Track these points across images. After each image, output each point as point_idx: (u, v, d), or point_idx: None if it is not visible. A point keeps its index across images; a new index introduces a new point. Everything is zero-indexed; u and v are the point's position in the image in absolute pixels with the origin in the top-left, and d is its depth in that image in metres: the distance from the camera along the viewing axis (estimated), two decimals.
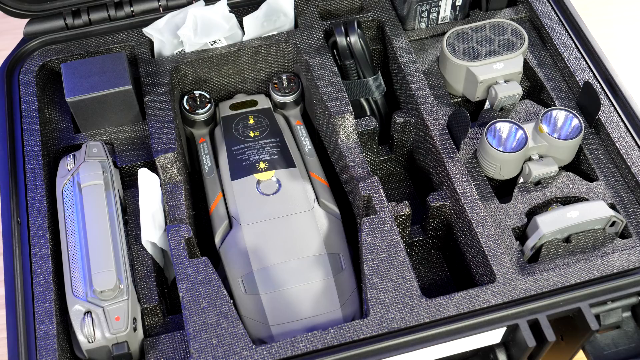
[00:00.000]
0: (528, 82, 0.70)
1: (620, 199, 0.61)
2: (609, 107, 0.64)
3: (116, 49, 0.71)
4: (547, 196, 0.61)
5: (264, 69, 0.73)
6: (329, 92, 0.66)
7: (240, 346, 0.52)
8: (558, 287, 0.55)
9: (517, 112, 0.66)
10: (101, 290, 0.54)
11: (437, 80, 0.69)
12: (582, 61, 0.68)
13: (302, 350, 0.52)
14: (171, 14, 0.72)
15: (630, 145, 0.62)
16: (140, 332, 0.56)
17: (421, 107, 0.66)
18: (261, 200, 0.63)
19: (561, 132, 0.62)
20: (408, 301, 0.54)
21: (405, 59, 0.69)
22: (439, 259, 0.70)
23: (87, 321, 0.53)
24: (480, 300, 0.54)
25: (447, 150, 0.63)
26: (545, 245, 0.57)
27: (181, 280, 0.55)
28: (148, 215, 0.59)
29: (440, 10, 0.72)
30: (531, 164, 0.61)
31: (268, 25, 0.72)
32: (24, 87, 0.68)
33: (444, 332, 0.53)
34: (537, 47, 0.71)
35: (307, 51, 0.69)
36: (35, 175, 0.62)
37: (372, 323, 0.53)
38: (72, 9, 0.71)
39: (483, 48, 0.67)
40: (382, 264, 0.56)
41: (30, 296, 0.56)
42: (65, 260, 0.57)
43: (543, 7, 0.72)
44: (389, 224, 0.58)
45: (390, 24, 0.72)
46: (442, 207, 0.63)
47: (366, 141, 0.68)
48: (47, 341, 0.54)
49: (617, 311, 0.56)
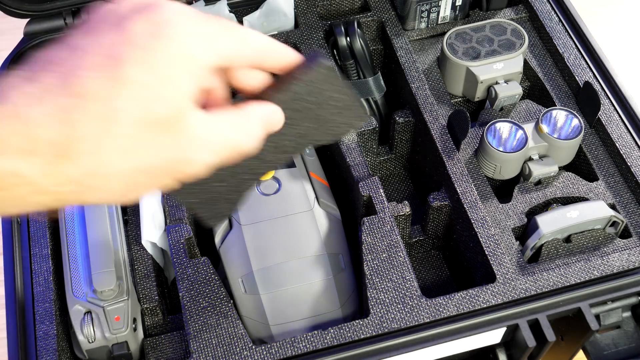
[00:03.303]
0: (528, 82, 0.70)
1: (620, 199, 0.61)
2: (609, 107, 0.64)
3: None
4: (547, 196, 0.61)
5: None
6: None
7: (240, 346, 0.52)
8: (558, 287, 0.55)
9: (517, 112, 0.66)
10: (101, 290, 0.54)
11: (437, 80, 0.69)
12: (582, 61, 0.68)
13: (302, 350, 0.52)
14: None
15: (630, 145, 0.62)
16: (140, 332, 0.56)
17: (421, 107, 0.66)
18: (261, 200, 0.63)
19: (561, 132, 0.62)
20: (408, 301, 0.54)
21: (405, 59, 0.69)
22: (439, 259, 0.70)
23: (87, 321, 0.53)
24: (480, 300, 0.54)
25: (447, 150, 0.63)
26: (545, 245, 0.57)
27: (181, 280, 0.55)
28: (148, 215, 0.59)
29: (440, 10, 0.72)
30: (531, 164, 0.61)
31: (268, 25, 0.72)
32: None
33: (444, 332, 0.53)
34: (537, 47, 0.71)
35: (307, 51, 0.69)
36: None
37: (372, 323, 0.53)
38: (72, 9, 0.71)
39: (483, 48, 0.67)
40: (382, 264, 0.56)
41: (30, 296, 0.56)
42: (65, 260, 0.57)
43: (543, 7, 0.72)
44: (389, 224, 0.58)
45: (390, 24, 0.72)
46: (442, 207, 0.63)
47: (366, 141, 0.68)
48: (47, 341, 0.54)
49: (617, 311, 0.56)
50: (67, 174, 0.34)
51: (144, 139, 0.36)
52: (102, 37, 0.36)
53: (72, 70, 0.34)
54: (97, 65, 0.35)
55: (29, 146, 0.33)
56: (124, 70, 0.34)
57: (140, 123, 0.35)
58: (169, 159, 0.37)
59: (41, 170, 0.34)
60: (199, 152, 0.38)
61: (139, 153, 0.36)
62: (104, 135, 0.34)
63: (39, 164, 0.33)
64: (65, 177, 0.34)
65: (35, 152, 0.33)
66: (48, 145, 0.33)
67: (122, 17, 0.37)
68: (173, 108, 0.36)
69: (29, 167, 0.33)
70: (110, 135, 0.34)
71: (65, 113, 0.34)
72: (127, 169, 0.36)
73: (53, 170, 0.34)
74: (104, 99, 0.34)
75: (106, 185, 0.36)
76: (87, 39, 0.36)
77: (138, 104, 0.35)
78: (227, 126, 0.40)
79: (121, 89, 0.34)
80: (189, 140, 0.37)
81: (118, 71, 0.34)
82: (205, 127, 0.38)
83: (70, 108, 0.34)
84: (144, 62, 0.35)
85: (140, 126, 0.35)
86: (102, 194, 0.36)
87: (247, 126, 0.41)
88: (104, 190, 0.36)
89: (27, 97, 0.34)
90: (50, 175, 0.34)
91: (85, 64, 0.35)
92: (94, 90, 0.34)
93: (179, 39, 0.36)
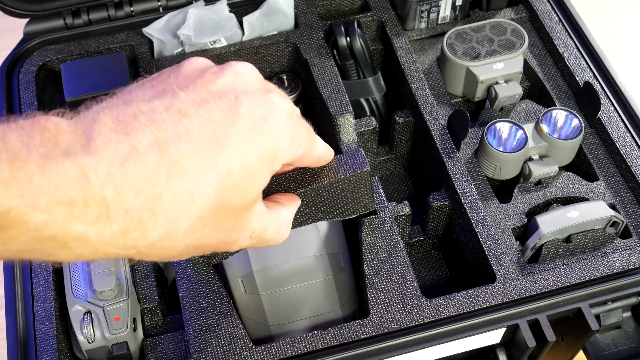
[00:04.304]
0: (528, 82, 0.70)
1: (620, 199, 0.61)
2: (609, 107, 0.64)
3: (116, 49, 0.71)
4: (547, 196, 0.61)
5: (264, 69, 0.73)
6: (328, 92, 0.66)
7: (240, 346, 0.52)
8: (558, 287, 0.55)
9: (517, 112, 0.66)
10: (101, 291, 0.54)
11: (437, 80, 0.69)
12: (582, 61, 0.68)
13: (302, 350, 0.52)
14: (171, 14, 0.72)
15: (630, 145, 0.62)
16: (140, 332, 0.56)
17: (421, 107, 0.66)
18: None
19: (561, 132, 0.61)
20: (408, 301, 0.54)
21: (405, 59, 0.69)
22: (439, 259, 0.70)
23: (87, 321, 0.53)
24: (480, 301, 0.54)
25: (447, 150, 0.63)
26: (545, 245, 0.57)
27: (181, 280, 0.55)
28: None
29: (440, 10, 0.72)
30: (531, 164, 0.61)
31: (268, 25, 0.72)
32: (23, 87, 0.68)
33: (444, 332, 0.53)
34: (537, 47, 0.71)
35: (307, 51, 0.69)
36: None
37: (372, 323, 0.53)
38: (72, 9, 0.71)
39: (483, 48, 0.67)
40: (382, 264, 0.56)
41: (30, 296, 0.56)
42: None
43: (543, 7, 0.72)
44: (389, 224, 0.58)
45: (390, 24, 0.72)
46: (442, 207, 0.63)
47: (366, 141, 0.68)
48: (47, 341, 0.54)
49: (617, 311, 0.56)
50: (133, 244, 0.33)
51: (212, 223, 0.35)
52: (212, 112, 0.35)
53: (173, 138, 0.33)
54: (200, 142, 0.34)
55: (103, 212, 0.31)
56: (224, 156, 0.34)
57: (215, 208, 0.35)
58: (221, 241, 0.37)
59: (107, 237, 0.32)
60: (243, 239, 0.39)
61: (202, 234, 0.35)
62: (180, 215, 0.34)
63: (109, 231, 0.32)
64: (131, 245, 0.33)
65: (108, 219, 0.32)
66: (123, 214, 0.32)
67: (234, 92, 0.36)
68: (249, 200, 0.37)
69: (95, 233, 0.32)
70: (185, 215, 0.34)
71: (150, 184, 0.32)
72: (185, 245, 0.35)
73: (120, 240, 0.32)
74: (193, 178, 0.33)
75: (156, 254, 0.35)
76: (197, 110, 0.35)
77: (222, 191, 0.35)
78: (271, 226, 0.41)
79: (211, 173, 0.34)
80: (245, 229, 0.38)
81: (217, 156, 0.34)
82: (260, 221, 0.40)
83: (157, 180, 0.32)
84: (241, 151, 0.35)
85: (214, 210, 0.35)
86: (145, 257, 0.35)
87: (282, 229, 0.43)
88: (148, 256, 0.35)
89: (113, 154, 0.32)
90: (114, 243, 0.32)
91: (189, 138, 0.33)
92: (185, 168, 0.33)
93: (274, 136, 0.36)
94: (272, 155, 0.37)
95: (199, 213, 0.34)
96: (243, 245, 0.40)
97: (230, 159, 0.34)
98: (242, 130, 0.35)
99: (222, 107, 0.35)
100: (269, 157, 0.36)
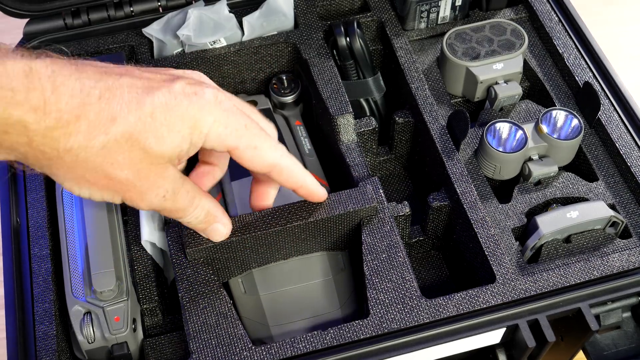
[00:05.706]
0: (528, 82, 0.70)
1: (620, 199, 0.61)
2: (609, 107, 0.64)
3: (116, 49, 0.71)
4: (547, 196, 0.61)
5: (263, 69, 0.73)
6: (328, 92, 0.66)
7: (239, 346, 0.52)
8: (558, 287, 0.55)
9: (517, 112, 0.66)
10: (101, 291, 0.54)
11: (437, 80, 0.69)
12: (582, 61, 0.68)
13: (302, 350, 0.52)
14: (171, 14, 0.72)
15: (630, 145, 0.62)
16: (140, 332, 0.56)
17: (421, 107, 0.66)
18: None
19: (561, 132, 0.62)
20: (408, 301, 0.54)
21: (405, 59, 0.69)
22: (439, 259, 0.70)
23: (87, 322, 0.53)
24: (480, 301, 0.54)
25: (447, 150, 0.63)
26: (545, 246, 0.57)
27: (180, 280, 0.55)
28: (148, 216, 0.59)
29: (440, 10, 0.72)
30: (531, 164, 0.61)
31: (268, 25, 0.72)
32: None
33: (444, 332, 0.53)
34: (537, 47, 0.71)
35: (307, 51, 0.69)
36: (34, 175, 0.62)
37: (372, 323, 0.53)
38: (72, 9, 0.71)
39: (483, 48, 0.67)
40: (382, 264, 0.56)
41: (30, 296, 0.56)
42: (65, 261, 0.57)
43: (543, 7, 0.72)
44: (388, 224, 0.58)
45: (390, 24, 0.72)
46: (442, 207, 0.63)
47: (366, 141, 0.68)
48: (47, 342, 0.54)
49: (617, 311, 0.56)
50: (55, 145, 0.40)
51: (127, 153, 0.42)
52: (154, 76, 0.44)
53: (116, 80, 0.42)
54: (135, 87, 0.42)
55: (40, 105, 0.38)
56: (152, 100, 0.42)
57: (132, 140, 0.42)
58: (131, 182, 0.43)
59: (42, 128, 0.39)
60: (155, 195, 0.45)
61: (115, 160, 0.42)
62: (99, 127, 0.40)
63: (44, 124, 0.39)
64: (54, 146, 0.40)
65: (45, 112, 0.39)
66: (56, 111, 0.39)
67: (179, 75, 0.46)
68: (164, 152, 0.43)
69: (33, 121, 0.38)
70: (104, 131, 0.41)
71: (83, 95, 0.40)
72: (97, 165, 0.41)
73: (48, 134, 0.39)
74: (119, 105, 0.41)
75: (71, 167, 0.41)
76: (144, 73, 0.44)
77: (142, 127, 0.42)
78: (183, 191, 0.47)
79: (136, 107, 0.41)
80: (157, 186, 0.44)
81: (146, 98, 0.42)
82: (173, 182, 0.45)
83: (90, 94, 0.40)
84: (167, 104, 0.43)
85: (130, 141, 0.42)
86: (61, 172, 0.42)
87: (195, 201, 0.49)
88: (64, 170, 0.42)
89: (61, 67, 0.40)
90: (43, 135, 0.39)
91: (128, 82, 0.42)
92: (115, 96, 0.41)
93: (199, 108, 0.44)
94: (193, 121, 0.43)
95: (116, 136, 0.41)
96: (154, 202, 0.45)
97: (156, 105, 0.42)
98: (174, 91, 0.43)
99: (165, 78, 0.44)
100: (189, 121, 0.43)
